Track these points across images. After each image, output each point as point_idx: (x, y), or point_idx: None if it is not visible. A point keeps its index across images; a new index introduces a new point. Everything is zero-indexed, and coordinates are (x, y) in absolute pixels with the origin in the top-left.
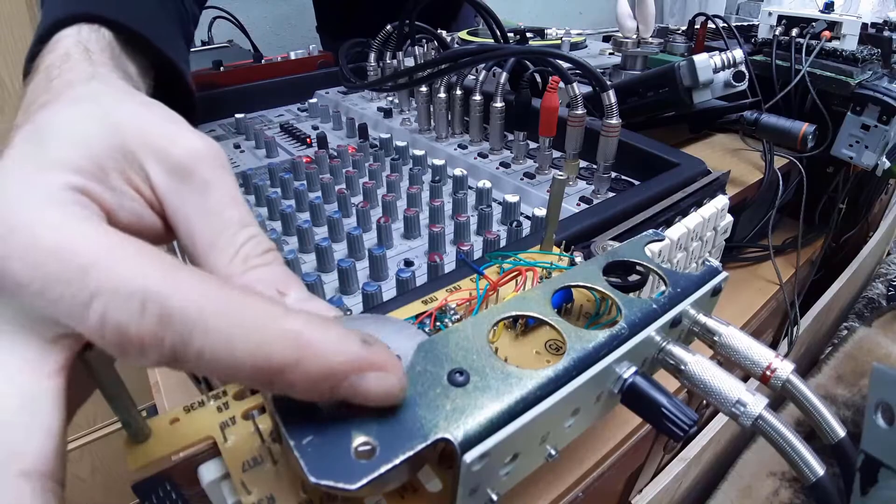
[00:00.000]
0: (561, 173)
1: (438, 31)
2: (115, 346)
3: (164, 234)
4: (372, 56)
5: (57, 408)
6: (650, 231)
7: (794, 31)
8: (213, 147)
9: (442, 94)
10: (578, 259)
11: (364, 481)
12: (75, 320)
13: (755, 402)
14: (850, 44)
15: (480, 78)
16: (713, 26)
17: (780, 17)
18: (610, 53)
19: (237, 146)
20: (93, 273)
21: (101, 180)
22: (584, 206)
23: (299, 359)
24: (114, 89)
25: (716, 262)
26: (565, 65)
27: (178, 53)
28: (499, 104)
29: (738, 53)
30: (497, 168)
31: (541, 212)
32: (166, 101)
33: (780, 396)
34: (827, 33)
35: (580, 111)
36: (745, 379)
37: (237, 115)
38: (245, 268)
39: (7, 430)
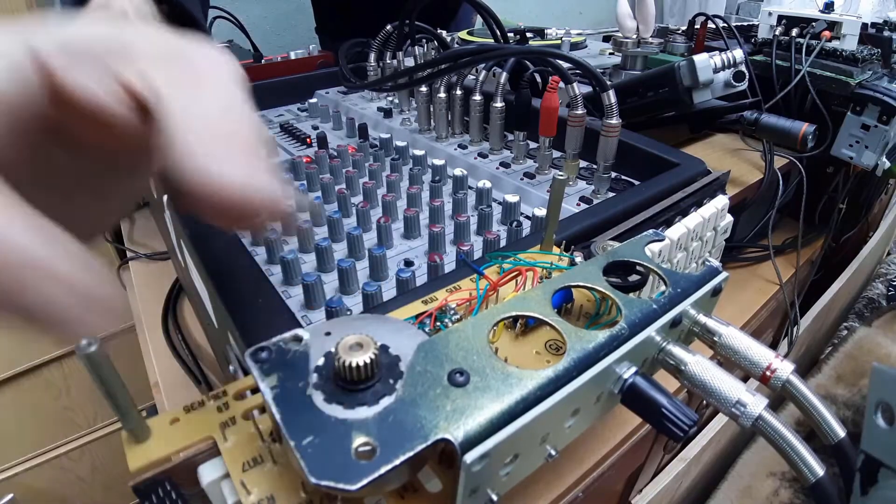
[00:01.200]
0: (561, 173)
1: (438, 31)
2: None
3: (141, 135)
4: (372, 56)
5: None
6: (650, 231)
7: (794, 31)
8: (229, 58)
9: (442, 94)
10: (578, 259)
11: (364, 482)
12: None
13: (755, 403)
14: (850, 44)
15: (480, 78)
16: (713, 26)
17: (780, 17)
18: (610, 53)
19: None
20: None
21: (75, 58)
22: (584, 206)
23: None
24: (151, 24)
25: (716, 263)
26: (565, 65)
27: (202, 19)
28: (499, 104)
29: (738, 53)
30: (497, 168)
31: (541, 212)
32: None
33: (780, 396)
34: (827, 33)
35: (580, 111)
36: (745, 379)
37: None
38: (208, 125)
39: None
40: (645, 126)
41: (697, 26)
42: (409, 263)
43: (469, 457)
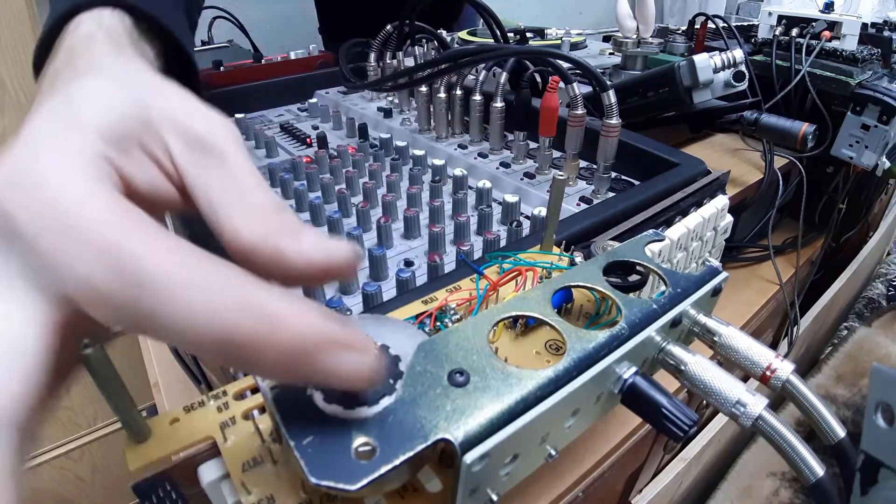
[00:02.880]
0: (561, 173)
1: (438, 31)
2: (86, 300)
3: (182, 202)
4: (372, 56)
5: (39, 361)
6: (650, 231)
7: (794, 31)
8: (228, 122)
9: (442, 94)
10: (578, 259)
11: (364, 482)
12: (54, 271)
13: (755, 403)
14: (850, 44)
15: (480, 78)
16: (713, 26)
17: (780, 17)
18: (610, 53)
19: None
20: (77, 232)
21: (123, 149)
22: (584, 206)
23: (264, 333)
24: (138, 67)
25: (716, 263)
26: (565, 65)
27: (186, 39)
28: (499, 104)
29: (738, 53)
30: (497, 168)
31: (541, 212)
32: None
33: (780, 396)
34: (827, 33)
35: (580, 111)
36: (745, 379)
37: (237, 115)
38: (260, 220)
39: None
40: (645, 126)
41: (697, 26)
42: (409, 263)
43: (469, 457)
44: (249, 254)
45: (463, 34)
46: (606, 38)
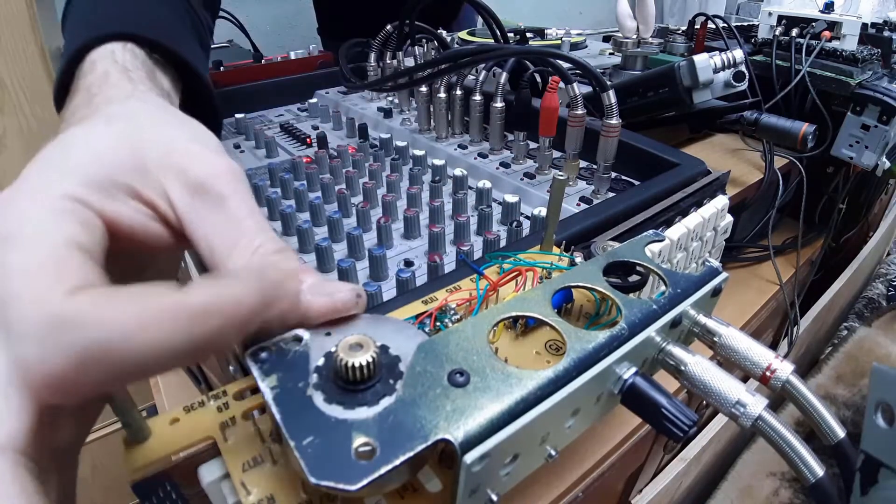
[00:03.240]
0: (561, 173)
1: (438, 31)
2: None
3: (174, 244)
4: (372, 56)
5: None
6: (650, 231)
7: (794, 32)
8: (230, 165)
9: (442, 94)
10: (578, 259)
11: (364, 482)
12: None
13: (755, 403)
14: (850, 44)
15: (480, 78)
16: (713, 26)
17: (780, 18)
18: (610, 53)
19: (237, 146)
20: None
21: (107, 193)
22: (584, 206)
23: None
24: (152, 107)
25: (716, 263)
26: (565, 65)
27: (201, 65)
28: (499, 104)
29: (738, 53)
30: (497, 168)
31: (541, 212)
32: (191, 110)
33: (779, 397)
34: (827, 33)
35: (580, 111)
36: (744, 379)
37: (237, 115)
38: (261, 263)
39: None
40: (645, 126)
41: (697, 26)
42: (409, 263)
43: (469, 457)
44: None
45: (463, 34)
46: (606, 38)
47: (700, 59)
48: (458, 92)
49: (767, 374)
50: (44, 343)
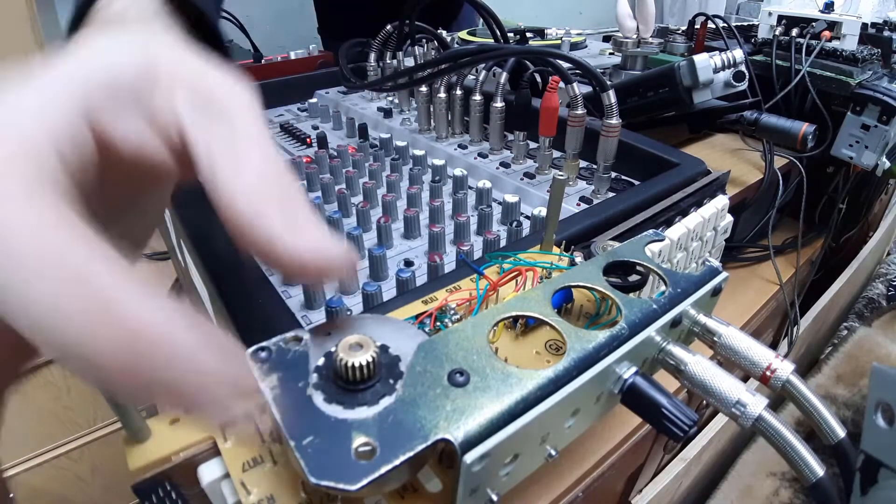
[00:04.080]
0: (561, 173)
1: (438, 31)
2: None
3: (174, 170)
4: (372, 56)
5: None
6: (650, 231)
7: (794, 31)
8: (244, 84)
9: (442, 94)
10: (578, 259)
11: (364, 482)
12: None
13: (755, 403)
14: (850, 44)
15: (480, 78)
16: (713, 26)
17: (780, 17)
18: (610, 53)
19: None
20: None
21: (115, 102)
22: (584, 206)
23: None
24: (170, 35)
25: (716, 263)
26: (565, 65)
27: (213, 17)
28: (499, 104)
29: (738, 53)
30: (497, 168)
31: (541, 212)
32: None
33: (780, 396)
34: (827, 33)
35: (580, 111)
36: (745, 379)
37: None
38: (259, 195)
39: None
40: (645, 126)
41: (697, 26)
42: (409, 263)
43: (469, 457)
44: (240, 233)
45: (463, 34)
46: (606, 38)
47: (700, 59)
48: (458, 92)
49: (768, 373)
50: None
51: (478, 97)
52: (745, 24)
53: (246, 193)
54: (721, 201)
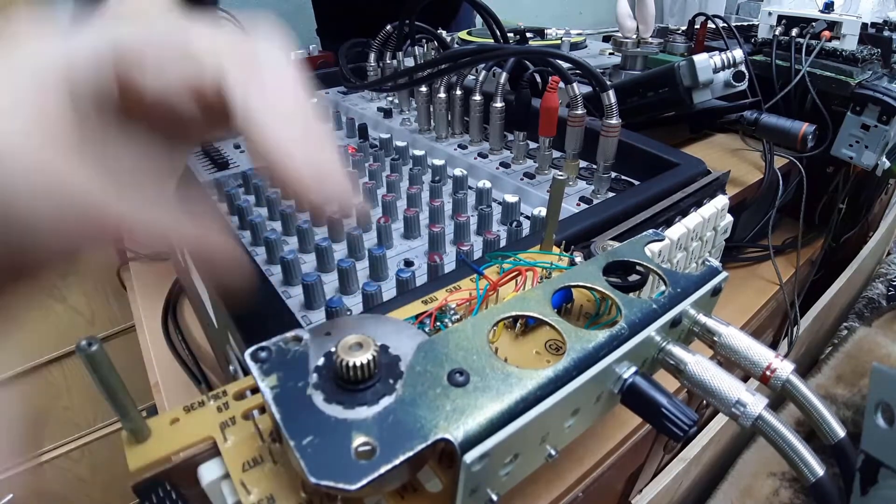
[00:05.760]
0: (561, 173)
1: (438, 31)
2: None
3: (204, 124)
4: (372, 56)
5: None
6: (650, 231)
7: (794, 31)
8: (271, 46)
9: (442, 94)
10: (578, 259)
11: (364, 481)
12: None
13: (755, 403)
14: (850, 44)
15: (480, 78)
16: (713, 26)
17: (780, 17)
18: (610, 53)
19: (237, 146)
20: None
21: (142, 56)
22: (584, 206)
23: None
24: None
25: (716, 263)
26: (565, 65)
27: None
28: (499, 104)
29: (738, 53)
30: (497, 168)
31: (541, 212)
32: None
33: (780, 396)
34: (827, 33)
35: (580, 111)
36: (745, 379)
37: None
38: (293, 138)
39: None
40: (645, 126)
41: (697, 26)
42: (409, 263)
43: (469, 457)
44: (264, 154)
45: (463, 34)
46: (606, 38)
47: (700, 59)
48: (458, 92)
49: (768, 373)
50: None
51: (478, 97)
52: (745, 24)
53: (276, 129)
54: (721, 201)
